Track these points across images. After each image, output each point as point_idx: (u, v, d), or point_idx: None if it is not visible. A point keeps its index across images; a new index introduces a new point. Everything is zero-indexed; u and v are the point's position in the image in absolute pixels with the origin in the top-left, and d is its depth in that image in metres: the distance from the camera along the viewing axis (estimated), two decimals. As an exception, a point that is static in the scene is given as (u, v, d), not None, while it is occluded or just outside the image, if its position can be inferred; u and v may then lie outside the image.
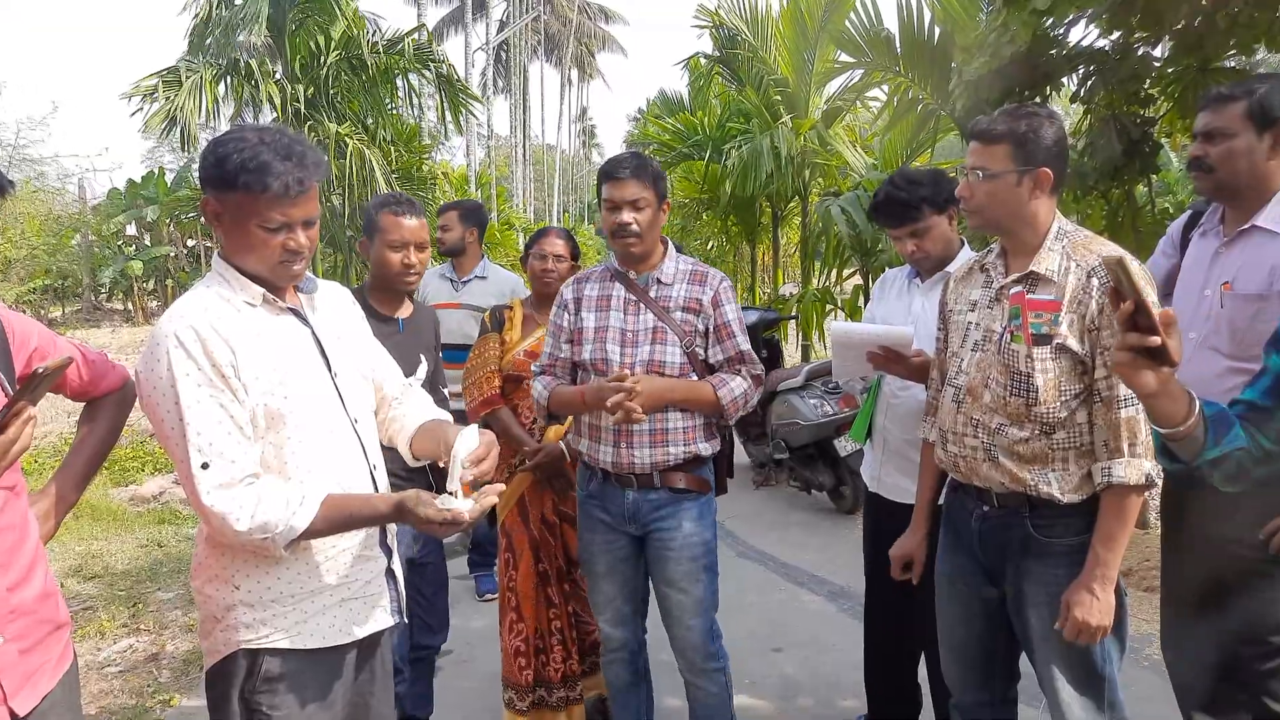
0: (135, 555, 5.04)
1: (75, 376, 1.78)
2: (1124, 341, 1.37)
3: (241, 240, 1.62)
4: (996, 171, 1.94)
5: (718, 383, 2.44)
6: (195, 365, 1.54)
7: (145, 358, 1.57)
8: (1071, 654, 1.95)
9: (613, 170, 2.45)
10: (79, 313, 21.85)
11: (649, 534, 2.52)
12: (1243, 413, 1.51)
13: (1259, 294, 2.09)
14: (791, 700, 3.24)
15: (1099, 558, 1.89)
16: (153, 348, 1.56)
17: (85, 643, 3.92)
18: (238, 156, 1.55)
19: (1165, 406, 1.42)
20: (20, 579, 1.48)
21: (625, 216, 2.43)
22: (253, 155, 1.55)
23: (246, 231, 1.61)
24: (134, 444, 7.56)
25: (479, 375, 3.03)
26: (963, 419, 2.06)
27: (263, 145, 1.57)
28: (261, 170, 1.55)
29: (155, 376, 1.55)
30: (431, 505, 1.52)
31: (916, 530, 2.34)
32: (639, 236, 2.44)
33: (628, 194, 2.42)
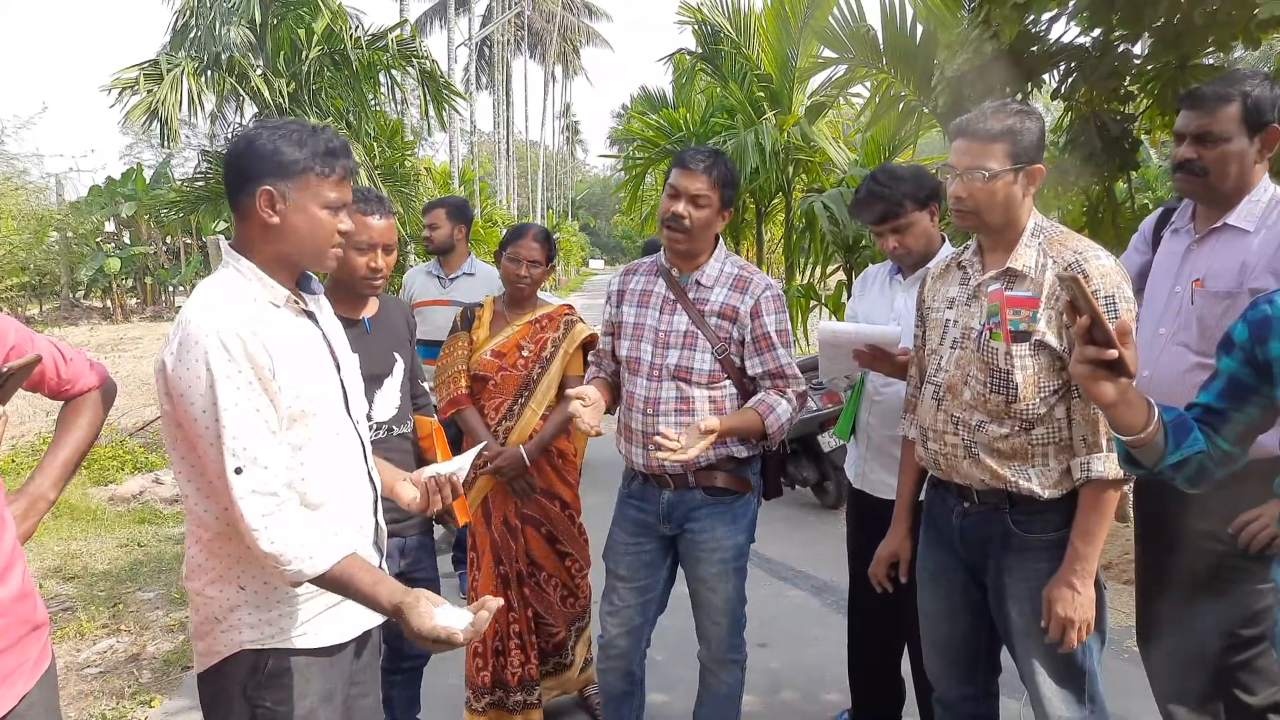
0: (115, 555, 4.99)
1: (52, 374, 1.76)
2: (1082, 355, 1.41)
3: (301, 227, 1.63)
4: (997, 170, 1.91)
5: (765, 411, 2.40)
6: (237, 369, 1.52)
7: (180, 356, 1.54)
8: (1052, 647, 1.97)
9: (686, 159, 2.38)
10: (57, 310, 21.63)
11: (683, 533, 2.51)
12: (1199, 415, 1.54)
13: (1228, 292, 2.11)
14: (776, 695, 3.26)
15: (1078, 552, 1.91)
16: (189, 346, 1.53)
17: (65, 643, 3.89)
18: (307, 141, 1.62)
19: (1125, 415, 1.45)
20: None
21: (681, 208, 2.37)
22: (321, 140, 1.63)
23: (310, 216, 1.63)
24: (114, 443, 7.49)
25: (447, 375, 3.00)
26: (943, 416, 2.07)
27: (318, 133, 1.64)
28: (333, 153, 1.64)
29: (192, 376, 1.52)
30: (429, 618, 1.49)
31: (898, 528, 2.36)
32: (688, 233, 2.39)
33: (693, 187, 2.36)
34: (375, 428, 2.54)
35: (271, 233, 1.64)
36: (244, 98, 8.10)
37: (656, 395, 2.45)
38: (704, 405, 2.43)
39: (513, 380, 2.95)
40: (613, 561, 2.63)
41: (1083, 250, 1.93)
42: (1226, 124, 2.10)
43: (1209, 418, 1.53)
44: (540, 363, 2.96)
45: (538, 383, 2.96)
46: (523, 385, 2.95)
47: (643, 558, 2.57)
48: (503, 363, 2.95)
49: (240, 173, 1.62)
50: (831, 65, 7.16)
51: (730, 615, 2.54)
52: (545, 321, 3.01)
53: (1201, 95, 2.15)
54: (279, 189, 1.60)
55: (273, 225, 1.62)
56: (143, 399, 9.47)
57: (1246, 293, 2.06)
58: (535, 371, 2.96)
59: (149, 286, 25.20)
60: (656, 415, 2.44)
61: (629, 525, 2.59)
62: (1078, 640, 1.92)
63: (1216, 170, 2.14)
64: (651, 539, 2.56)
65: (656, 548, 2.57)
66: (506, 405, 2.95)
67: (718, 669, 2.59)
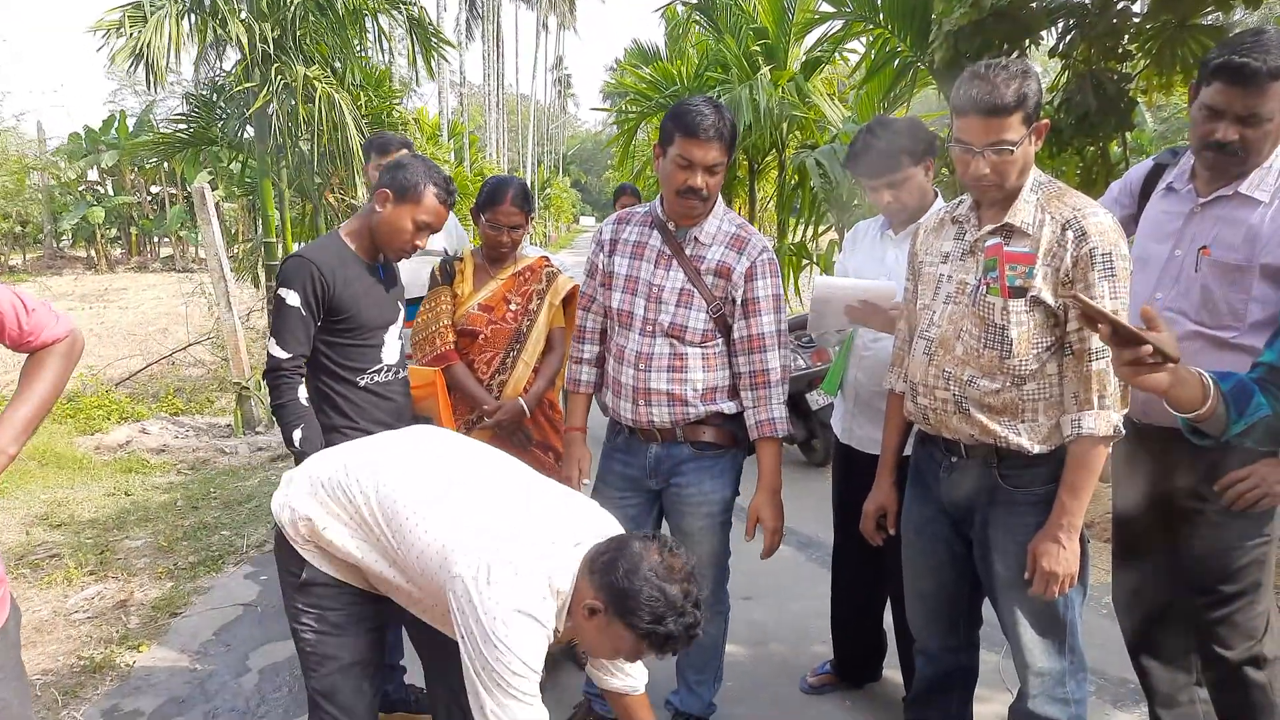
0: (102, 504, 4.99)
1: (13, 325, 1.69)
2: (1119, 359, 1.42)
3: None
4: (1017, 141, 1.87)
5: (768, 430, 2.46)
6: None
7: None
8: (1035, 600, 2.00)
9: (695, 127, 2.25)
10: (40, 259, 21.35)
11: (669, 487, 2.51)
12: (1262, 375, 1.52)
13: (1238, 264, 2.03)
14: (762, 646, 3.30)
15: (1065, 507, 1.93)
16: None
17: (52, 590, 3.89)
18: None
19: (1181, 395, 1.45)
20: None
21: (698, 180, 2.29)
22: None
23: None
24: (99, 393, 7.45)
25: (431, 330, 2.93)
26: (934, 371, 2.07)
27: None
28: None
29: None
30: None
31: (883, 481, 2.37)
32: (705, 201, 2.35)
33: (708, 157, 2.28)
34: (385, 370, 2.57)
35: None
36: (227, 42, 7.92)
37: (649, 351, 2.43)
38: (696, 363, 2.42)
39: (503, 334, 2.92)
40: None
41: (1080, 207, 1.92)
42: (1273, 102, 1.92)
43: (1273, 376, 1.52)
44: (528, 315, 2.94)
45: (528, 335, 2.94)
46: (513, 338, 2.93)
47: (629, 511, 2.58)
48: (491, 316, 2.92)
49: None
50: (829, 20, 7.05)
51: (715, 568, 2.56)
52: (528, 274, 2.97)
53: (1250, 71, 1.89)
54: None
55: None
56: (128, 349, 9.41)
57: (1258, 266, 2.00)
58: (525, 324, 2.93)
59: (134, 237, 24.89)
60: (649, 371, 2.43)
61: (615, 479, 2.59)
62: (1060, 593, 1.95)
63: (1255, 150, 1.99)
64: (638, 493, 2.57)
65: (643, 502, 2.58)
66: (499, 359, 2.92)
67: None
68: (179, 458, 6.23)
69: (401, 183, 2.45)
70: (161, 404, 7.48)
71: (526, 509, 1.85)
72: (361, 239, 2.53)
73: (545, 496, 1.93)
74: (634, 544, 1.73)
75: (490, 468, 1.98)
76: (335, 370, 2.51)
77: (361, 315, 2.49)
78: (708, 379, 2.43)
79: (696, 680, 2.64)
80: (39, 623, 3.59)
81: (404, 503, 1.83)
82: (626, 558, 1.70)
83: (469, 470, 1.94)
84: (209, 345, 8.75)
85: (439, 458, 1.97)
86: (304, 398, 2.44)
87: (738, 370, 2.45)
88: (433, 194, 2.45)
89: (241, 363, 6.83)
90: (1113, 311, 1.86)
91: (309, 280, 2.39)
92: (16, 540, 4.45)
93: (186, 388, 8.10)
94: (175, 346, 9.23)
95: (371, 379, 2.55)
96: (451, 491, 1.86)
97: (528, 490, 1.93)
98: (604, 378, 2.59)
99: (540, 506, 1.88)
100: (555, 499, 1.94)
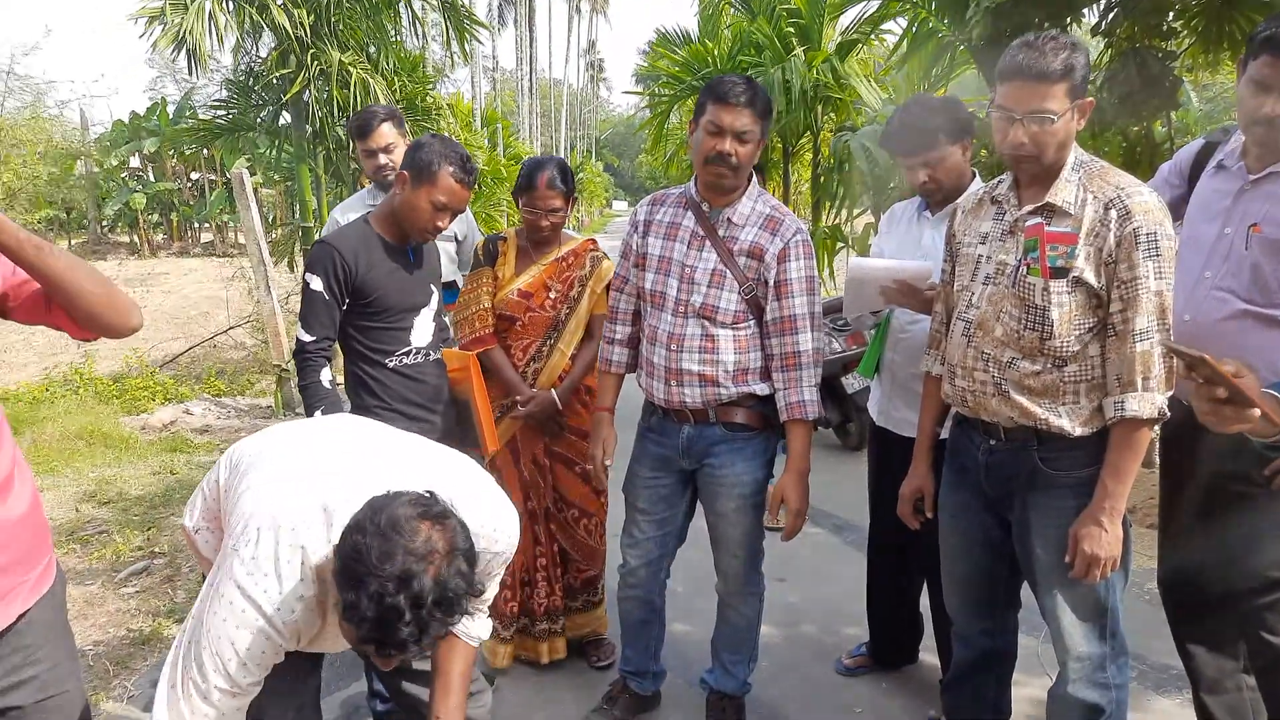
0: (149, 482, 5.11)
1: (8, 272, 1.56)
2: (1220, 413, 1.42)
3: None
4: (1060, 112, 1.84)
5: (798, 412, 2.42)
6: None
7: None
8: (1076, 584, 1.98)
9: (726, 93, 2.26)
10: (85, 244, 21.80)
11: (702, 468, 2.52)
12: None
13: None
14: (795, 627, 3.31)
15: (1108, 490, 1.90)
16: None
17: (101, 564, 4.01)
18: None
19: (1262, 429, 1.43)
20: None
21: (727, 146, 2.29)
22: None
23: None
24: (144, 374, 7.61)
25: (471, 312, 2.93)
26: (972, 353, 2.06)
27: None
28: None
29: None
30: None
31: (920, 464, 2.35)
32: (734, 170, 2.33)
33: (739, 123, 2.28)
34: (414, 352, 2.59)
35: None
36: (263, 29, 8.01)
37: (681, 332, 2.44)
38: (728, 344, 2.42)
39: (541, 321, 2.91)
40: (632, 494, 2.65)
41: (1124, 186, 1.88)
42: None
43: None
44: (568, 303, 2.92)
45: (566, 323, 2.92)
46: (551, 326, 2.91)
47: (661, 491, 2.60)
48: (530, 303, 2.90)
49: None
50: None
51: (748, 549, 2.57)
52: (571, 259, 2.94)
53: None
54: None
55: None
56: (171, 332, 9.59)
57: None
58: (564, 312, 2.91)
59: (175, 222, 25.31)
60: (680, 352, 2.44)
61: (648, 460, 2.60)
62: (1101, 578, 1.93)
63: None
64: (670, 473, 2.58)
65: (675, 482, 2.59)
66: (535, 346, 2.92)
67: (736, 601, 2.62)
68: (222, 437, 6.36)
69: (418, 164, 2.46)
70: (204, 385, 7.63)
71: (363, 480, 1.49)
72: (387, 223, 2.55)
73: (418, 474, 1.56)
74: (398, 499, 1.38)
75: (376, 450, 1.69)
76: (364, 353, 2.56)
77: (388, 299, 2.52)
78: (739, 360, 2.43)
79: (731, 660, 2.66)
80: (89, 596, 3.70)
81: (243, 481, 1.60)
82: (370, 508, 1.37)
83: (335, 452, 1.67)
84: (249, 328, 8.90)
85: (322, 442, 1.72)
86: (327, 380, 2.50)
87: (770, 352, 2.45)
88: (449, 174, 2.44)
89: (281, 345, 6.93)
90: (1156, 293, 1.84)
91: (331, 265, 2.43)
92: (66, 516, 4.58)
93: (228, 370, 8.25)
94: (216, 330, 9.40)
95: (400, 361, 2.58)
96: (288, 470, 1.60)
97: (396, 467, 1.59)
98: (641, 359, 2.60)
99: (391, 480, 1.49)
100: (432, 477, 1.57)
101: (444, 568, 1.32)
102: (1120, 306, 1.87)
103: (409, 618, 1.28)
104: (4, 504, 1.51)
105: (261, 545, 1.42)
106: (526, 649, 3.03)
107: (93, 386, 7.47)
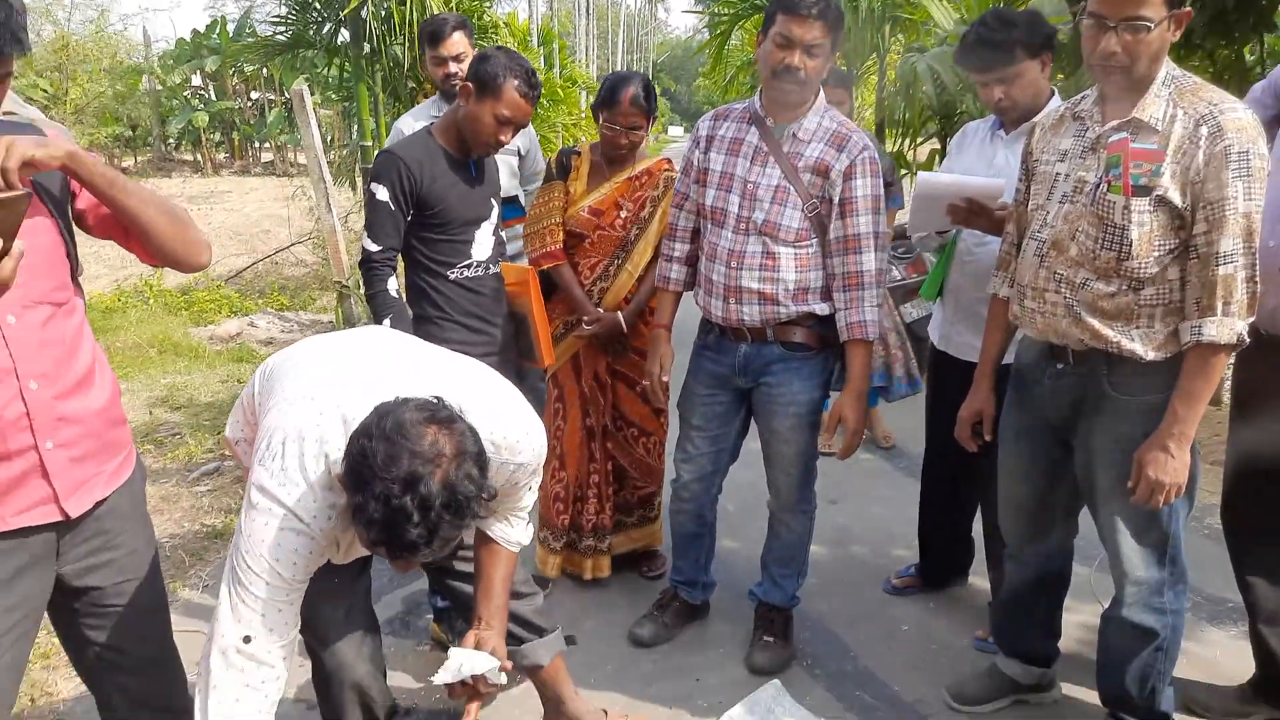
0: (217, 389, 5.29)
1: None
2: None
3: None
4: (1156, 20, 1.75)
5: (858, 332, 2.39)
6: None
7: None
8: (1137, 509, 1.96)
9: (796, 4, 2.20)
10: (150, 162, 22.19)
11: (758, 386, 2.53)
12: None
13: None
14: (845, 548, 3.35)
15: (1178, 416, 1.87)
16: None
17: (175, 464, 4.20)
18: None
19: None
20: (68, 391, 1.54)
21: (796, 59, 2.23)
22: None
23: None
24: (210, 287, 7.81)
25: (542, 225, 2.92)
26: (1045, 273, 2.01)
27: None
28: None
29: None
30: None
31: (981, 386, 2.32)
32: (802, 85, 2.28)
33: (809, 35, 2.21)
34: (475, 265, 2.61)
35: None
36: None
37: (741, 250, 2.42)
38: (789, 262, 2.40)
39: (609, 240, 2.89)
40: (687, 410, 2.67)
41: (1217, 102, 1.80)
42: None
43: None
44: (638, 223, 2.88)
45: (635, 244, 2.89)
46: (619, 246, 2.89)
47: (716, 409, 2.61)
48: (600, 221, 2.87)
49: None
50: (941, -90, 6.62)
51: (801, 467, 2.59)
52: (644, 178, 2.89)
53: None
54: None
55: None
56: (234, 249, 9.80)
57: None
58: (633, 233, 2.88)
59: (236, 141, 25.59)
60: (740, 269, 2.42)
61: (704, 377, 2.61)
62: (1165, 503, 1.91)
63: None
64: (726, 391, 2.59)
65: (730, 399, 2.60)
66: (602, 266, 2.90)
67: (787, 517, 2.66)
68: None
69: (482, 77, 2.43)
70: (267, 300, 7.81)
71: (381, 391, 1.47)
72: (450, 135, 2.55)
73: (436, 384, 1.54)
74: (404, 404, 1.38)
75: (397, 361, 1.69)
76: (427, 264, 2.58)
77: (450, 211, 2.53)
78: (800, 279, 2.41)
79: (781, 574, 2.70)
80: (165, 493, 3.88)
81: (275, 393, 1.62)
82: (377, 413, 1.37)
83: (356, 363, 1.68)
84: (309, 245, 9.04)
85: (345, 355, 1.72)
86: (394, 289, 2.53)
87: (832, 271, 2.42)
88: (513, 88, 2.41)
89: (341, 262, 7.03)
90: (1244, 215, 1.76)
91: (397, 175, 2.44)
92: (141, 419, 4.78)
93: (290, 286, 8.42)
94: (278, 246, 9.58)
95: (461, 273, 2.60)
96: (321, 378, 1.61)
97: (415, 377, 1.58)
98: (699, 276, 2.59)
99: (408, 389, 1.47)
100: (457, 386, 1.57)
101: (452, 470, 1.33)
102: (1205, 228, 1.80)
103: (417, 519, 1.29)
104: (85, 396, 1.58)
105: (287, 457, 1.46)
106: (572, 564, 3.10)
107: (162, 298, 7.71)
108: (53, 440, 1.51)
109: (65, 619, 1.70)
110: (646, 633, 2.77)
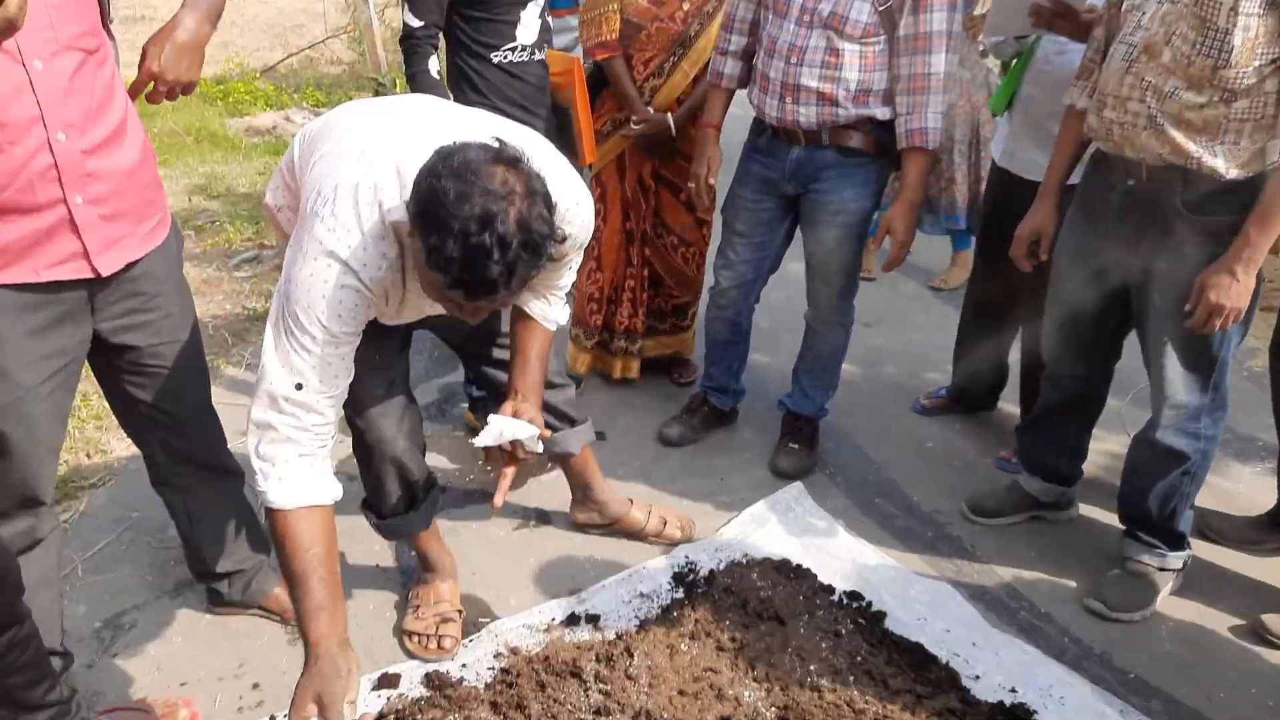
0: (254, 180, 5.25)
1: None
2: None
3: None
4: None
5: (919, 140, 2.26)
6: None
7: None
8: (1190, 333, 1.92)
9: None
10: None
11: (807, 193, 2.45)
12: None
13: None
14: (877, 368, 3.35)
15: (1250, 239, 1.78)
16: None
17: (215, 250, 4.23)
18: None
19: None
20: (98, 145, 1.50)
21: None
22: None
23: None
24: (246, 79, 7.62)
25: (598, 12, 2.73)
26: (1130, 81, 1.87)
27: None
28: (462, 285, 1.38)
29: None
30: (338, 705, 1.32)
31: (1045, 202, 2.21)
32: None
33: None
34: (520, 49, 2.51)
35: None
36: None
37: (803, 44, 2.27)
38: (853, 60, 2.26)
39: (667, 34, 2.70)
40: (731, 216, 2.61)
41: None
42: None
43: None
44: (701, 18, 2.69)
45: (694, 40, 2.71)
46: (678, 41, 2.71)
47: (761, 215, 2.54)
48: (659, 12, 2.68)
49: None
50: None
51: (845, 279, 2.54)
52: None
53: None
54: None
55: None
56: (268, 41, 9.47)
57: None
58: (694, 28, 2.70)
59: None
60: (801, 65, 2.28)
61: (752, 181, 2.53)
62: (1221, 328, 1.86)
63: None
64: (773, 197, 2.51)
65: (777, 206, 2.53)
66: (657, 62, 2.74)
67: (823, 329, 2.64)
68: (320, 147, 6.43)
69: None
70: (302, 95, 7.61)
71: (435, 141, 1.37)
72: None
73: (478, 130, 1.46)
74: (467, 146, 1.30)
75: (447, 116, 1.63)
76: (469, 45, 2.48)
77: None
78: (863, 80, 2.27)
79: (811, 385, 2.72)
80: (207, 277, 3.94)
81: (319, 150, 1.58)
82: (439, 155, 1.30)
83: (405, 118, 1.61)
84: (345, 41, 8.71)
85: (391, 112, 1.65)
86: (435, 69, 2.44)
87: (897, 72, 2.27)
88: None
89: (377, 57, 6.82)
90: None
91: None
92: (180, 205, 4.78)
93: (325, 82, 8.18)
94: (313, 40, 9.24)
95: (504, 57, 2.50)
96: (366, 131, 1.56)
97: (468, 130, 1.47)
98: (751, 73, 2.45)
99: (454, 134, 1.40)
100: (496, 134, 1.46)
101: (525, 208, 1.27)
102: None
103: (497, 256, 1.24)
104: (115, 153, 1.54)
105: (340, 203, 1.41)
106: (602, 362, 3.14)
107: (197, 87, 7.52)
108: (82, 195, 1.48)
109: (109, 376, 1.75)
110: (675, 433, 2.83)
